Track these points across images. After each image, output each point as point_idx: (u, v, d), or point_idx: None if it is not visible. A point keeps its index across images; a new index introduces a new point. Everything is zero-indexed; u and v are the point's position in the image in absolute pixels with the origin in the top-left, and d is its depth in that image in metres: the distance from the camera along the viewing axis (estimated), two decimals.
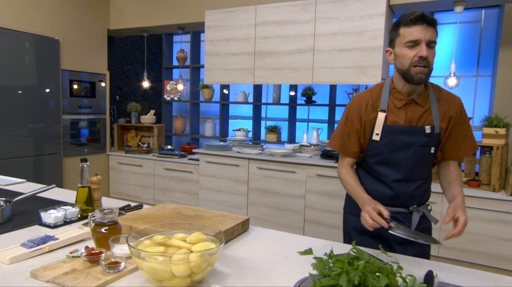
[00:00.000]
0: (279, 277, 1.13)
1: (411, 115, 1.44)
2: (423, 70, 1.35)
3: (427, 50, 1.33)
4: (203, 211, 1.61)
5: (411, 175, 1.47)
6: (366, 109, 1.49)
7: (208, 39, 3.83)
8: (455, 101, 1.49)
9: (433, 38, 1.35)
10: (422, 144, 1.44)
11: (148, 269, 0.99)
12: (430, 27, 1.34)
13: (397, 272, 0.71)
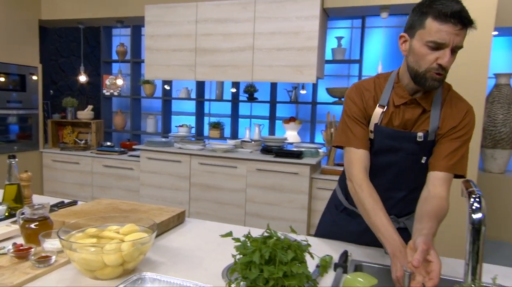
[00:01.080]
0: (212, 263, 1.20)
1: (408, 117, 1.24)
2: (439, 78, 1.13)
3: (450, 58, 1.10)
4: (140, 205, 1.63)
5: (393, 184, 1.31)
6: (367, 102, 1.29)
7: (149, 34, 3.78)
8: (461, 106, 1.24)
9: (461, 43, 1.11)
10: (412, 152, 1.26)
11: (80, 260, 1.01)
12: (464, 29, 1.09)
13: (305, 248, 0.82)
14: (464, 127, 1.22)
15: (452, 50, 1.10)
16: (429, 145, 1.25)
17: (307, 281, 0.76)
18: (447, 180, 1.21)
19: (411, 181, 1.30)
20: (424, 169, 1.26)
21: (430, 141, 1.24)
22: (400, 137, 1.25)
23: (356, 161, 1.25)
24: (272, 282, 0.74)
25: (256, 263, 0.75)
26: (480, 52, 2.93)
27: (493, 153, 3.91)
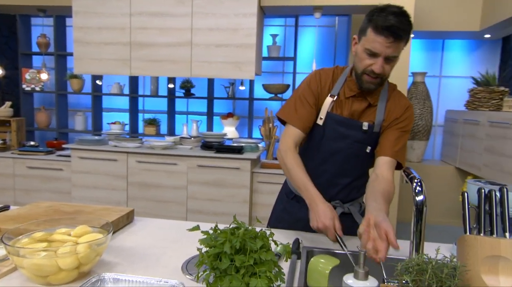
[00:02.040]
0: (169, 259, 1.20)
1: (356, 109, 1.36)
2: (374, 81, 1.28)
3: (383, 66, 1.23)
4: (84, 207, 1.56)
5: (341, 169, 1.41)
6: (322, 89, 1.39)
7: (78, 26, 3.55)
8: (403, 103, 1.38)
9: (395, 54, 1.22)
10: (358, 140, 1.37)
11: (31, 266, 0.96)
12: (396, 42, 1.19)
13: (270, 236, 0.87)
14: (405, 119, 1.36)
15: (387, 59, 1.22)
16: (374, 136, 1.37)
17: (274, 267, 0.81)
18: (392, 165, 1.33)
19: (357, 168, 1.41)
20: (368, 158, 1.40)
21: (375, 132, 1.37)
22: (348, 125, 1.37)
23: (290, 136, 1.38)
24: (243, 270, 0.78)
25: (227, 253, 0.78)
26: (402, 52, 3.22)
27: (412, 144, 4.32)
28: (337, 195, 1.43)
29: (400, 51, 1.24)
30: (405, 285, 0.69)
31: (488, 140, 3.44)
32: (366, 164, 1.40)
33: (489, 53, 4.55)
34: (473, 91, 3.94)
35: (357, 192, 1.44)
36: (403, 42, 1.22)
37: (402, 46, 1.23)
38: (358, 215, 1.44)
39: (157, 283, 0.96)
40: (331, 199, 1.41)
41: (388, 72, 1.28)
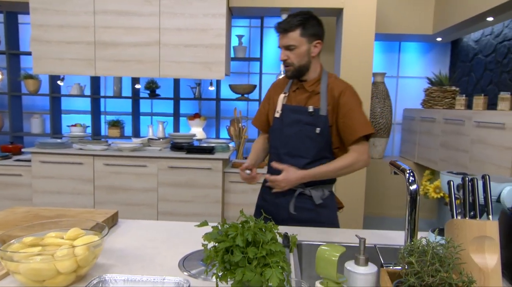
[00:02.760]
0: (164, 259, 1.20)
1: (300, 98, 1.64)
2: (288, 69, 1.61)
3: (284, 53, 1.59)
4: (65, 210, 1.51)
5: (297, 151, 1.63)
6: (275, 92, 1.76)
7: (36, 24, 3.38)
8: (339, 86, 1.62)
9: (289, 43, 1.56)
10: (307, 123, 1.60)
11: (28, 271, 0.92)
12: (285, 33, 1.56)
13: (275, 228, 0.90)
14: (344, 101, 1.59)
15: (286, 48, 1.58)
16: (322, 118, 1.61)
17: (283, 257, 0.85)
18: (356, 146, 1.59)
19: (311, 149, 1.63)
20: (319, 138, 1.62)
21: (323, 115, 1.61)
22: (298, 111, 1.64)
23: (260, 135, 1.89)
24: (255, 262, 0.80)
25: (240, 246, 0.81)
26: (365, 54, 3.38)
27: (374, 141, 4.53)
28: None
29: (293, 42, 1.56)
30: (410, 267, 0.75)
31: (444, 136, 3.69)
32: (319, 146, 1.62)
33: (440, 55, 4.87)
34: (428, 91, 4.20)
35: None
36: (291, 33, 1.56)
37: (293, 36, 1.56)
38: (318, 198, 1.64)
39: (161, 281, 0.96)
40: None
41: (293, 60, 1.58)
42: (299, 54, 1.58)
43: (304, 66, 1.60)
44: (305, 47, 1.58)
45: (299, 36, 1.56)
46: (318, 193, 1.64)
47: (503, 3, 3.06)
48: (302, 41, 1.57)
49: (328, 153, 1.64)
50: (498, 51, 3.88)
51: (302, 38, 1.57)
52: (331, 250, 0.82)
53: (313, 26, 1.59)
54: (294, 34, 1.56)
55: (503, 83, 3.78)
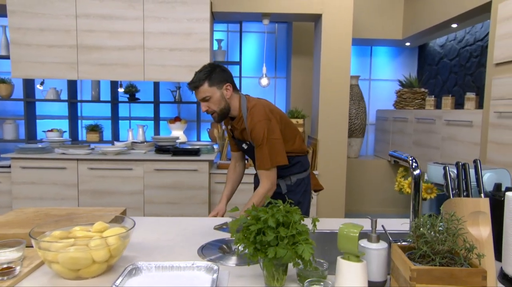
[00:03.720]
0: (182, 249, 1.27)
1: (237, 133, 1.89)
2: (213, 116, 1.81)
3: (204, 105, 1.77)
4: (74, 209, 1.54)
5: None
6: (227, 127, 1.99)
7: (14, 26, 3.31)
8: (252, 125, 1.78)
9: (203, 96, 1.74)
10: (250, 149, 1.84)
11: (67, 260, 0.97)
12: (197, 89, 1.75)
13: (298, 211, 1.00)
14: (255, 137, 1.77)
15: (203, 100, 1.76)
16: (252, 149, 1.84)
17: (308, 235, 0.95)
18: (264, 174, 1.78)
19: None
20: None
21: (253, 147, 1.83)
22: (241, 143, 1.91)
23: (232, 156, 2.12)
24: (286, 240, 0.90)
25: (272, 226, 0.90)
26: (343, 58, 3.55)
27: (350, 141, 4.73)
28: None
29: (206, 93, 1.74)
30: (422, 239, 0.87)
31: (416, 135, 3.92)
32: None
33: (408, 59, 5.16)
34: (400, 92, 4.45)
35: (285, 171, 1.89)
36: (201, 88, 1.74)
37: (204, 89, 1.74)
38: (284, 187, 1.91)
39: (191, 266, 1.04)
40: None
41: (213, 108, 1.77)
42: (215, 101, 1.76)
43: (225, 108, 1.79)
44: (218, 94, 1.76)
45: (209, 87, 1.74)
46: (285, 182, 1.91)
47: (466, 11, 3.33)
48: (213, 90, 1.75)
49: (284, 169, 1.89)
50: (462, 55, 4.18)
51: (212, 88, 1.75)
52: (351, 228, 0.92)
53: (218, 74, 1.77)
54: (204, 87, 1.74)
55: (467, 85, 4.07)
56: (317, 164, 3.64)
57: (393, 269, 0.96)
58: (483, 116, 2.85)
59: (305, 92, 4.50)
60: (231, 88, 1.80)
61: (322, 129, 3.61)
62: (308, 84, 4.48)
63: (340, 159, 3.66)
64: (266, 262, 0.92)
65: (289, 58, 4.60)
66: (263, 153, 1.76)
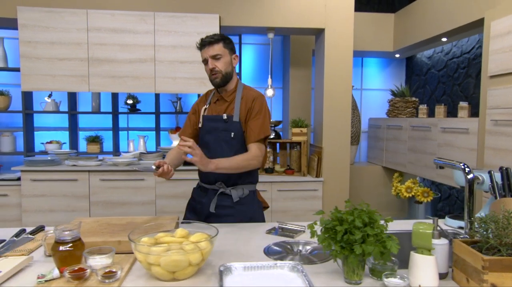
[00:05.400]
0: (247, 251, 1.38)
1: (219, 108, 1.87)
2: (216, 76, 1.81)
3: (212, 63, 1.78)
4: (131, 218, 1.63)
5: (216, 154, 1.77)
6: (199, 105, 1.97)
7: (25, 40, 3.32)
8: (252, 95, 1.86)
9: (215, 53, 1.77)
10: (223, 129, 1.82)
11: (168, 263, 1.06)
12: (210, 45, 1.77)
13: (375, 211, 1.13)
14: (254, 106, 1.83)
15: (213, 57, 1.78)
16: (235, 124, 1.83)
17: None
18: (255, 145, 1.81)
19: (227, 152, 1.82)
20: (234, 142, 1.83)
21: (236, 121, 1.83)
22: (214, 119, 1.87)
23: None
24: (371, 238, 1.03)
25: (359, 226, 1.03)
26: (345, 69, 3.75)
27: None
28: (219, 177, 1.82)
29: (219, 51, 1.78)
30: (487, 233, 1.02)
31: (411, 142, 4.15)
32: (235, 149, 1.83)
33: (396, 70, 5.44)
34: (392, 101, 4.68)
35: (238, 178, 1.85)
36: (216, 45, 1.78)
37: (218, 47, 1.78)
38: (236, 196, 1.84)
39: (274, 265, 1.15)
40: (215, 180, 1.84)
41: (221, 68, 1.79)
42: (225, 63, 1.80)
43: (229, 74, 1.83)
44: (228, 58, 1.82)
45: (223, 47, 1.80)
46: (238, 193, 1.84)
47: (456, 28, 3.59)
48: (225, 51, 1.80)
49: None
50: (449, 66, 4.47)
51: (225, 50, 1.81)
52: (424, 226, 1.06)
53: (230, 42, 1.85)
54: (219, 46, 1.79)
55: (455, 94, 4.35)
56: (322, 171, 3.79)
57: (457, 261, 1.10)
58: (479, 124, 3.09)
59: (303, 101, 4.66)
60: (237, 60, 1.87)
61: (327, 137, 3.78)
62: (305, 94, 4.65)
63: (344, 165, 3.83)
64: (351, 258, 1.04)
65: (286, 69, 4.76)
66: (259, 123, 1.81)
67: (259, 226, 1.73)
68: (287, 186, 3.68)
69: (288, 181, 3.67)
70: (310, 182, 3.71)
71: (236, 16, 3.60)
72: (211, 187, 1.86)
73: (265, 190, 3.64)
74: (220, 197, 1.84)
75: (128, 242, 1.30)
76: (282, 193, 3.67)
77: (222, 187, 1.84)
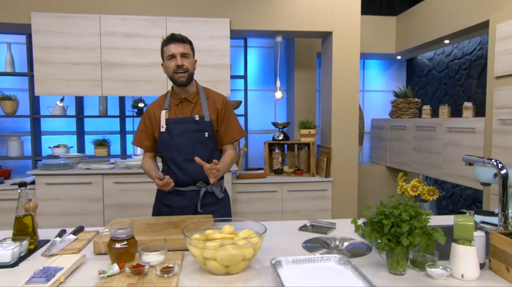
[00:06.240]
0: (286, 247, 1.44)
1: (186, 110, 1.87)
2: (183, 75, 1.82)
3: (181, 60, 1.79)
4: (170, 218, 1.68)
5: (192, 155, 1.75)
6: (155, 110, 1.92)
7: (38, 45, 3.35)
8: (220, 98, 1.94)
9: (185, 51, 1.82)
10: (196, 130, 1.84)
11: (224, 257, 1.12)
12: (182, 43, 1.82)
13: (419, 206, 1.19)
14: (226, 109, 1.92)
15: (182, 55, 1.81)
16: (207, 124, 1.88)
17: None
18: (232, 145, 1.94)
19: (203, 151, 1.87)
20: (208, 141, 1.88)
21: (207, 121, 1.88)
22: (184, 121, 1.87)
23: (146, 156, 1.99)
24: (418, 230, 1.09)
25: (405, 219, 1.09)
26: (352, 71, 3.83)
27: None
28: (200, 176, 1.82)
29: (188, 51, 1.83)
30: None
31: (416, 141, 4.24)
32: (210, 148, 1.89)
33: (397, 71, 5.54)
34: (395, 102, 4.78)
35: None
36: (187, 45, 1.84)
37: (188, 47, 1.84)
38: (219, 193, 1.92)
39: (321, 258, 1.21)
40: (196, 181, 1.87)
41: (188, 66, 1.82)
42: (191, 63, 1.86)
43: (192, 74, 1.87)
44: (193, 59, 1.89)
45: (190, 49, 1.87)
46: (218, 189, 1.92)
47: (459, 30, 3.70)
48: (191, 53, 1.87)
49: (218, 153, 1.94)
50: (450, 68, 4.58)
51: (192, 52, 1.88)
52: (464, 218, 1.13)
53: (193, 47, 1.92)
54: (188, 46, 1.86)
55: (457, 95, 4.46)
56: (331, 171, 3.86)
57: (495, 252, 1.17)
58: (485, 123, 3.18)
59: (308, 103, 4.74)
60: (196, 65, 1.92)
61: (335, 138, 3.85)
62: (310, 96, 4.73)
63: (352, 165, 3.91)
64: (398, 250, 1.11)
65: (290, 71, 4.83)
66: (236, 126, 1.93)
67: (290, 224, 1.78)
68: (297, 186, 3.74)
69: (298, 182, 3.74)
70: (320, 182, 3.78)
71: (246, 20, 3.66)
72: (189, 188, 1.87)
73: (276, 191, 3.70)
74: (203, 197, 1.88)
75: (173, 240, 1.36)
76: (293, 194, 3.73)
77: (203, 185, 1.88)
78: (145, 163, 1.94)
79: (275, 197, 3.72)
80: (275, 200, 3.72)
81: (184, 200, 1.89)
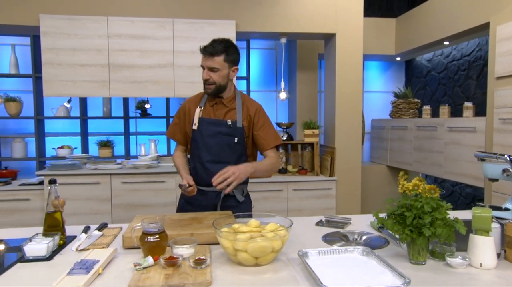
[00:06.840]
0: (307, 240, 1.49)
1: (219, 112, 1.88)
2: (208, 87, 1.83)
3: (207, 73, 1.80)
4: (192, 214, 1.73)
5: (219, 157, 1.85)
6: (191, 106, 1.94)
7: (47, 47, 3.38)
8: (253, 105, 1.94)
9: (213, 65, 1.79)
10: (226, 134, 1.85)
11: (255, 249, 1.17)
12: (210, 57, 1.79)
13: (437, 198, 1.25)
14: (260, 117, 1.93)
15: (210, 69, 1.80)
16: (239, 130, 1.89)
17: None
18: (273, 151, 1.94)
19: (230, 156, 1.89)
20: (237, 146, 1.89)
21: (239, 127, 1.89)
22: (217, 123, 1.88)
23: (177, 148, 2.04)
24: (439, 221, 1.15)
25: (427, 211, 1.15)
26: (355, 72, 3.90)
27: None
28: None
29: (217, 65, 1.79)
30: None
31: (417, 141, 4.32)
32: (238, 153, 1.91)
33: (396, 72, 5.63)
34: (396, 103, 4.86)
35: None
36: (216, 58, 1.80)
37: (217, 61, 1.80)
38: (240, 197, 1.93)
39: (345, 250, 1.26)
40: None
41: (215, 80, 1.81)
42: (220, 76, 1.81)
43: (223, 86, 1.84)
44: (226, 71, 1.82)
45: (223, 61, 1.80)
46: (239, 192, 1.92)
47: (459, 32, 3.78)
48: (224, 65, 1.81)
49: (245, 159, 1.94)
50: (449, 69, 4.67)
51: (225, 63, 1.81)
52: (481, 210, 1.19)
53: (233, 53, 1.85)
54: (219, 59, 1.80)
55: (456, 95, 4.55)
56: (335, 170, 3.93)
57: (510, 243, 1.24)
58: (486, 122, 3.26)
59: (310, 104, 4.80)
60: (236, 72, 1.89)
61: (339, 138, 3.92)
62: (312, 97, 4.79)
63: (356, 165, 3.98)
64: (420, 240, 1.17)
65: (292, 72, 4.90)
66: (272, 133, 1.93)
67: (306, 220, 1.84)
68: (302, 185, 3.80)
69: (302, 181, 3.80)
70: (324, 181, 3.84)
71: (251, 22, 3.72)
72: (211, 189, 1.85)
73: (281, 190, 3.76)
74: (224, 199, 1.89)
75: (199, 235, 1.41)
76: (297, 193, 3.79)
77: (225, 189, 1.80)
78: (177, 157, 1.99)
79: (280, 196, 3.77)
80: (280, 199, 3.77)
81: (205, 200, 1.91)
